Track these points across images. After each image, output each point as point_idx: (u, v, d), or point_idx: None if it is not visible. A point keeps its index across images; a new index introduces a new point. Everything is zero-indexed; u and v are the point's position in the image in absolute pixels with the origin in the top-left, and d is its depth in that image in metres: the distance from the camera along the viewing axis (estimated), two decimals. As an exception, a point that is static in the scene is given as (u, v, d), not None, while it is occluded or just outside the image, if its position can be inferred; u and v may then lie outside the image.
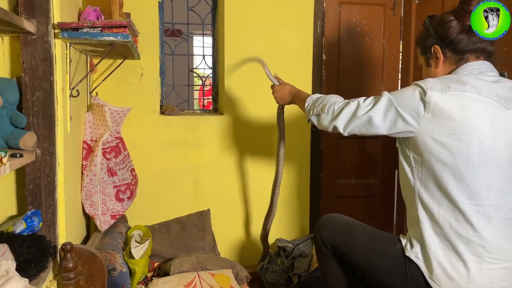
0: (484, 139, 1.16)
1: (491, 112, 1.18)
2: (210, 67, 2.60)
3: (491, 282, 1.18)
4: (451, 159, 1.17)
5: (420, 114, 1.20)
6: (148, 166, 2.36)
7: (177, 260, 1.98)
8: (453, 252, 1.20)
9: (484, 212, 1.18)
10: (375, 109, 1.27)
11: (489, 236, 1.17)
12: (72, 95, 1.69)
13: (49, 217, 1.53)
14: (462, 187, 1.18)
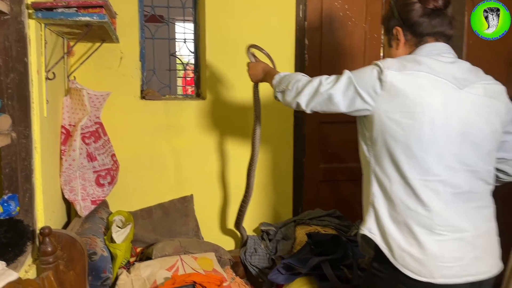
0: (436, 118, 1.19)
1: (444, 92, 1.21)
2: (192, 51, 2.57)
3: (442, 252, 1.21)
4: (403, 137, 1.20)
5: (377, 92, 1.23)
6: (129, 152, 2.34)
7: (159, 244, 1.97)
8: (404, 226, 1.23)
9: (433, 187, 1.21)
10: (335, 87, 1.30)
11: (437, 209, 1.21)
12: (48, 78, 1.65)
13: (26, 201, 1.51)
14: (412, 163, 1.21)
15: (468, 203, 1.24)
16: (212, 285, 1.68)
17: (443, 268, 1.20)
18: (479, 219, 1.26)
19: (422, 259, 1.20)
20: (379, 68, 1.23)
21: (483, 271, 1.24)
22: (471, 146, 1.23)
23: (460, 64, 1.27)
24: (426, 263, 1.20)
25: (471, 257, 1.23)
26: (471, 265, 1.23)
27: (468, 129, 1.22)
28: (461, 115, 1.22)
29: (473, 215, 1.25)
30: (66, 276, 1.58)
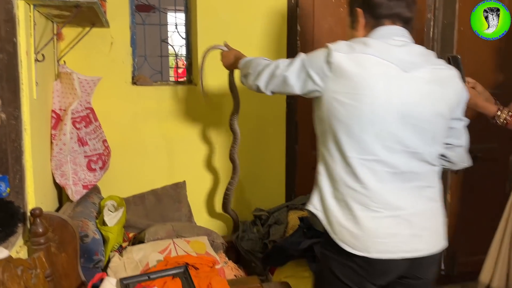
0: (377, 99, 1.22)
1: (388, 74, 1.23)
2: (183, 37, 2.56)
3: (377, 228, 1.25)
4: (345, 117, 1.24)
5: (325, 74, 1.26)
6: (121, 138, 2.32)
7: (151, 228, 1.98)
8: (343, 203, 1.27)
9: (370, 165, 1.25)
10: (290, 70, 1.35)
11: (373, 187, 1.25)
12: (37, 60, 1.64)
13: (17, 183, 1.50)
14: (352, 143, 1.25)
15: (407, 182, 1.28)
16: (205, 266, 1.68)
17: (378, 244, 1.24)
18: (418, 198, 1.30)
19: (359, 234, 1.24)
20: (328, 50, 1.27)
21: (419, 248, 1.28)
22: (412, 128, 1.25)
23: (410, 48, 1.29)
24: (362, 238, 1.24)
25: (407, 234, 1.27)
26: (406, 242, 1.27)
27: (410, 112, 1.24)
28: (403, 98, 1.24)
29: (412, 194, 1.29)
30: (58, 258, 1.59)
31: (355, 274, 1.28)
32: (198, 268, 1.66)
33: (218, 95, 2.46)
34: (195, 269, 1.65)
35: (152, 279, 1.52)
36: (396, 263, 1.27)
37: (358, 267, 1.27)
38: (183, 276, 1.54)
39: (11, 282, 1.15)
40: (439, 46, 2.59)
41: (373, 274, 1.28)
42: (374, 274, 1.28)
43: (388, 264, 1.26)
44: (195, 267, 1.65)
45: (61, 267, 1.58)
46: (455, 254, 2.69)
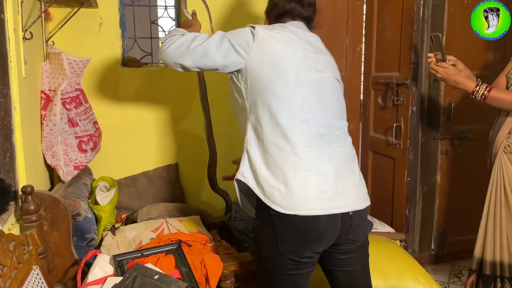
0: (299, 68, 1.36)
1: (305, 49, 1.40)
2: (173, 18, 2.54)
3: (307, 186, 1.30)
4: (272, 83, 1.33)
5: (249, 45, 1.35)
6: (111, 120, 2.31)
7: (144, 208, 1.98)
8: (274, 165, 1.32)
9: (298, 126, 1.33)
10: (209, 41, 1.38)
11: (301, 147, 1.32)
12: (25, 38, 1.62)
13: (7, 161, 1.49)
14: (281, 106, 1.33)
15: (330, 143, 1.37)
16: (197, 244, 1.69)
17: (308, 201, 1.30)
18: (340, 158, 1.38)
19: (289, 194, 1.29)
20: (251, 26, 1.40)
21: (346, 204, 1.35)
22: (329, 94, 1.41)
23: (315, 37, 1.49)
24: (293, 197, 1.29)
25: (333, 191, 1.33)
26: (334, 199, 1.33)
27: (325, 80, 1.41)
28: (317, 70, 1.40)
29: (335, 154, 1.37)
30: (51, 236, 1.59)
31: (291, 243, 1.31)
32: (191, 245, 1.67)
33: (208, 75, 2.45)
34: (188, 246, 1.66)
35: (146, 256, 1.53)
36: (327, 221, 1.31)
37: (293, 234, 1.30)
38: (176, 252, 1.56)
39: (3, 256, 1.15)
40: (429, 27, 2.59)
41: (307, 237, 1.31)
42: (308, 237, 1.31)
43: (319, 222, 1.30)
44: (188, 244, 1.66)
45: (54, 246, 1.59)
46: (445, 233, 2.73)
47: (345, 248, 1.39)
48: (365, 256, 1.46)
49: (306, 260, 1.35)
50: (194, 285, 1.38)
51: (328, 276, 1.48)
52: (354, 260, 1.42)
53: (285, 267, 1.34)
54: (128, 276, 1.35)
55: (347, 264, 1.42)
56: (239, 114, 1.47)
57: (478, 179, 2.71)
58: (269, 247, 1.35)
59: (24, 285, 1.21)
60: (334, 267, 1.44)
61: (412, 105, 2.49)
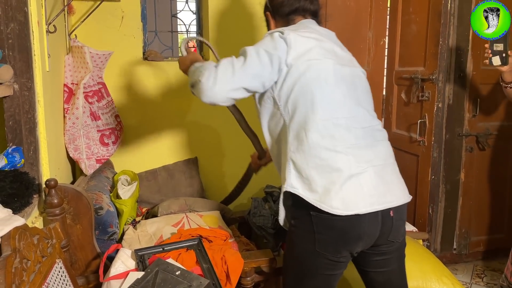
0: (335, 64, 1.33)
1: (332, 46, 1.38)
2: (194, 12, 2.52)
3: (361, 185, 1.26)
4: (313, 84, 1.29)
5: (285, 50, 1.29)
6: (133, 113, 2.32)
7: (165, 202, 1.98)
8: (325, 168, 1.26)
9: (343, 124, 1.30)
10: (247, 59, 1.29)
11: (350, 145, 1.28)
12: (49, 31, 1.62)
13: (31, 155, 1.50)
14: (325, 106, 1.29)
15: (374, 138, 1.35)
16: (218, 239, 1.68)
17: (366, 198, 1.25)
18: (384, 153, 1.35)
19: (345, 194, 1.24)
20: (277, 32, 1.32)
21: (391, 199, 1.31)
22: (361, 88, 1.39)
23: (330, 32, 1.46)
24: (351, 196, 1.24)
25: (382, 187, 1.29)
26: (387, 193, 1.29)
27: (356, 75, 1.39)
28: (348, 65, 1.37)
29: (380, 149, 1.34)
30: (73, 229, 1.60)
31: (330, 243, 1.28)
32: (211, 241, 1.66)
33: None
34: (209, 241, 1.65)
35: (167, 251, 1.52)
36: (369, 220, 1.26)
37: (332, 234, 1.26)
38: (197, 248, 1.55)
39: (27, 250, 1.15)
40: (455, 20, 2.51)
41: (347, 237, 1.27)
42: (348, 237, 1.27)
43: (362, 221, 1.26)
44: (208, 240, 1.66)
45: (76, 239, 1.60)
46: (468, 233, 2.67)
47: (384, 250, 1.35)
48: (401, 257, 1.43)
49: (343, 260, 1.31)
50: (216, 281, 1.37)
51: (363, 277, 1.45)
52: (391, 261, 1.39)
53: (320, 267, 1.31)
54: (150, 271, 1.35)
55: (384, 265, 1.38)
56: (272, 125, 1.39)
57: (503, 178, 2.64)
58: (306, 247, 1.31)
59: (48, 279, 1.22)
60: (371, 269, 1.40)
61: (438, 101, 2.43)
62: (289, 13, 1.45)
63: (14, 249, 1.09)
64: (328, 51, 1.34)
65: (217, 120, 2.47)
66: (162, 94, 2.36)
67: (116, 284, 1.36)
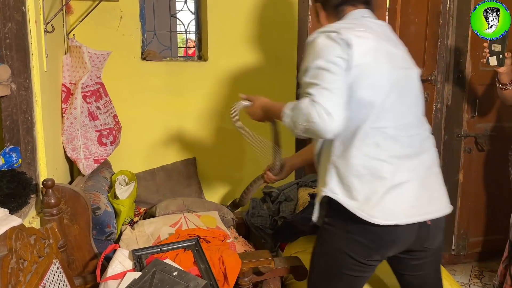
0: (389, 68, 1.27)
1: (386, 45, 1.29)
2: (193, 12, 2.52)
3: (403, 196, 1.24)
4: (366, 90, 1.23)
5: (344, 52, 1.21)
6: (131, 114, 2.32)
7: (162, 203, 1.98)
8: (368, 177, 1.23)
9: (391, 132, 1.25)
10: (323, 76, 1.18)
11: (395, 154, 1.25)
12: (46, 31, 1.62)
13: (29, 155, 1.50)
14: (374, 113, 1.24)
15: (421, 147, 1.30)
16: (216, 240, 1.68)
17: (407, 209, 1.24)
18: (429, 162, 1.32)
19: (386, 204, 1.22)
20: (333, 33, 1.23)
21: (435, 209, 1.30)
22: (414, 92, 1.34)
23: (384, 25, 1.40)
24: (392, 206, 1.22)
25: (427, 195, 1.27)
26: (428, 204, 1.27)
27: (408, 78, 1.32)
28: (402, 67, 1.30)
29: (425, 158, 1.31)
30: (71, 230, 1.60)
31: (361, 245, 1.26)
32: (209, 242, 1.65)
33: (228, 70, 2.43)
34: (207, 242, 1.65)
35: (164, 251, 1.52)
36: (406, 228, 1.24)
37: (366, 237, 1.24)
38: (195, 248, 1.54)
39: (23, 250, 1.15)
40: (454, 21, 2.51)
41: (381, 242, 1.26)
42: (382, 242, 1.26)
43: (400, 229, 1.24)
44: (206, 240, 1.65)
45: (73, 239, 1.60)
46: (466, 234, 2.66)
47: (419, 255, 1.34)
48: (437, 261, 1.42)
49: (372, 264, 1.30)
50: (213, 282, 1.37)
51: (399, 279, 1.45)
52: (427, 265, 1.38)
53: (347, 268, 1.29)
54: (147, 271, 1.34)
55: (420, 269, 1.37)
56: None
57: (502, 179, 2.64)
58: (336, 245, 1.29)
59: (45, 279, 1.21)
60: (406, 272, 1.39)
61: (436, 102, 2.43)
62: (339, 4, 1.36)
63: (11, 249, 1.08)
64: (383, 54, 1.27)
65: (215, 120, 2.47)
66: (160, 95, 2.36)
67: (113, 285, 1.35)
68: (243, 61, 2.44)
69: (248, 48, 2.43)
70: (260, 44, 2.45)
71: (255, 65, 2.45)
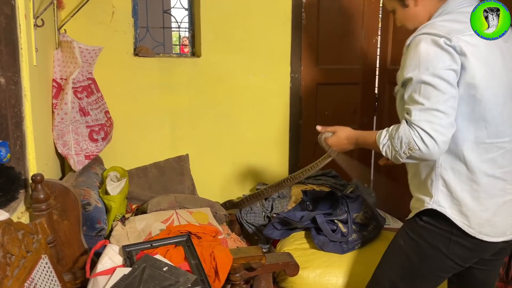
0: (504, 77, 1.18)
1: (502, 47, 1.20)
2: (186, 8, 2.51)
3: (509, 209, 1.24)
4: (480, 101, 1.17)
5: (457, 62, 1.13)
6: (123, 110, 2.30)
7: (154, 199, 1.97)
8: (481, 193, 1.21)
9: (502, 146, 1.22)
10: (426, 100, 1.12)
11: (507, 170, 1.22)
12: (36, 25, 1.60)
13: (18, 149, 1.48)
14: (488, 126, 1.19)
15: None
16: (207, 236, 1.67)
17: (508, 224, 1.24)
18: None
19: (496, 222, 1.21)
20: (441, 38, 1.12)
21: None
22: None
23: None
24: (501, 224, 1.22)
25: None
26: None
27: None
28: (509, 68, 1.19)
29: None
30: (60, 225, 1.58)
31: (465, 249, 1.25)
32: (201, 237, 1.64)
33: (221, 66, 2.42)
34: (198, 238, 1.64)
35: (155, 247, 1.51)
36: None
37: (470, 241, 1.23)
38: (186, 244, 1.53)
39: (11, 245, 1.13)
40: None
41: (489, 250, 1.27)
42: (489, 250, 1.27)
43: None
44: (197, 236, 1.64)
45: (63, 235, 1.58)
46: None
47: (500, 254, 1.34)
48: (502, 260, 1.43)
49: (467, 266, 1.30)
50: (203, 277, 1.36)
51: (465, 270, 1.38)
52: (496, 262, 1.38)
53: (442, 270, 1.29)
54: (137, 267, 1.33)
55: (489, 265, 1.36)
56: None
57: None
58: (436, 246, 1.26)
59: (33, 274, 1.20)
60: (477, 265, 1.34)
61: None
62: None
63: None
64: (497, 59, 1.17)
65: (208, 117, 2.46)
66: (153, 91, 2.35)
67: (103, 280, 1.34)
68: (236, 57, 2.43)
69: (242, 44, 2.42)
70: (254, 40, 2.45)
71: (249, 61, 2.45)
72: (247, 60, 2.44)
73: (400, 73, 1.22)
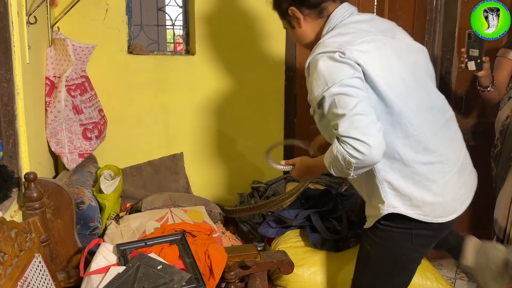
0: (401, 73, 1.23)
1: (390, 45, 1.25)
2: (180, 6, 2.50)
3: (455, 190, 1.31)
4: (391, 101, 1.22)
5: (356, 67, 1.16)
6: (117, 108, 2.29)
7: (149, 198, 1.96)
8: (424, 182, 1.27)
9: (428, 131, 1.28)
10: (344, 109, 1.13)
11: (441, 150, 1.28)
12: (29, 22, 1.59)
13: (10, 148, 1.47)
14: (409, 120, 1.24)
15: (450, 134, 1.34)
16: (202, 234, 1.67)
17: (460, 198, 1.32)
18: (459, 142, 1.39)
19: (445, 202, 1.29)
20: (335, 53, 1.15)
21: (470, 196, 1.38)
22: (426, 82, 1.31)
23: (377, 18, 1.37)
24: (447, 204, 1.29)
25: (466, 185, 1.35)
26: (466, 194, 1.35)
27: (419, 72, 1.29)
28: (411, 62, 1.27)
29: (455, 143, 1.36)
30: (54, 224, 1.57)
31: (425, 238, 1.32)
32: (195, 236, 1.64)
33: (216, 64, 2.42)
34: (193, 236, 1.64)
35: (149, 246, 1.50)
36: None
37: (435, 229, 1.30)
38: (180, 242, 1.53)
39: (4, 243, 1.13)
40: (441, 18, 2.53)
41: (447, 229, 1.35)
42: (447, 228, 1.35)
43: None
44: (192, 235, 1.64)
45: (57, 233, 1.57)
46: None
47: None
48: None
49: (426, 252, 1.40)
50: (198, 276, 1.36)
51: None
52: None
53: (413, 262, 1.37)
54: (131, 265, 1.33)
55: None
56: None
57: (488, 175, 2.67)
58: (403, 243, 1.33)
59: (26, 273, 1.19)
60: None
61: (422, 97, 2.44)
62: (320, 1, 1.28)
63: (-10, 242, 1.06)
64: (390, 54, 1.23)
65: (203, 115, 2.46)
66: (147, 89, 2.34)
67: (97, 279, 1.34)
68: (231, 55, 2.42)
69: (236, 42, 2.41)
70: (248, 38, 2.44)
71: (243, 59, 2.44)
72: (241, 58, 2.44)
73: (311, 96, 1.24)
